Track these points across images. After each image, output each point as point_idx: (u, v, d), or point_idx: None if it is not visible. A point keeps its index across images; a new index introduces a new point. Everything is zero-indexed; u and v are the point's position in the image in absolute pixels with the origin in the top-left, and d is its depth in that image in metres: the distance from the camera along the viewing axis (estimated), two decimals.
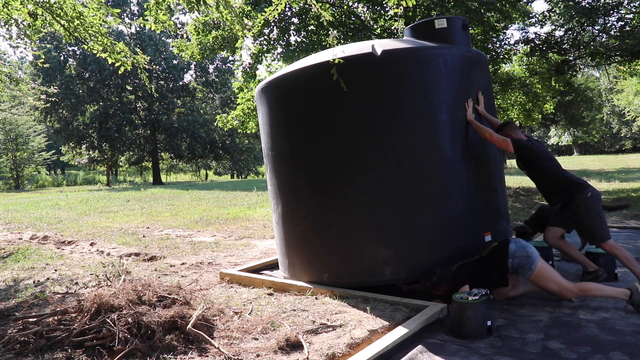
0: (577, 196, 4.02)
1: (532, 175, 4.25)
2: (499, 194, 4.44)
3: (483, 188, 4.20)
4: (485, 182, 4.24)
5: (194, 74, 35.80)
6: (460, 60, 4.09)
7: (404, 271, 3.90)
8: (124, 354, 2.93)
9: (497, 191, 4.40)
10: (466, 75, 4.15)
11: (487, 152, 4.30)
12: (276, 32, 11.09)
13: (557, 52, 12.71)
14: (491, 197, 4.29)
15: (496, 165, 4.49)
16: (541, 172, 4.16)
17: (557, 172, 4.14)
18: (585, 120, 28.14)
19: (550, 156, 4.21)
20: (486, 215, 4.19)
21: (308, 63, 4.17)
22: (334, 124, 4.03)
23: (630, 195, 10.89)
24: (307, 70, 4.10)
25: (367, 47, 4.05)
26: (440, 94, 3.97)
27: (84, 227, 9.09)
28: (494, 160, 4.43)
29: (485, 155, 4.27)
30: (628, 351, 2.84)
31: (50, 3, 5.09)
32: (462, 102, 4.07)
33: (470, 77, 4.20)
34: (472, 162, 4.11)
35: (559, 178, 4.12)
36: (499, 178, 4.48)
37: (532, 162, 4.14)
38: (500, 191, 4.48)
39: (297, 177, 4.31)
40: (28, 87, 10.70)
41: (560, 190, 4.10)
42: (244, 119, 12.12)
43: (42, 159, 35.29)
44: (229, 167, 48.50)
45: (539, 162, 4.12)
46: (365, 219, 3.96)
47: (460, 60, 4.10)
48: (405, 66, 3.93)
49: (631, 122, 39.12)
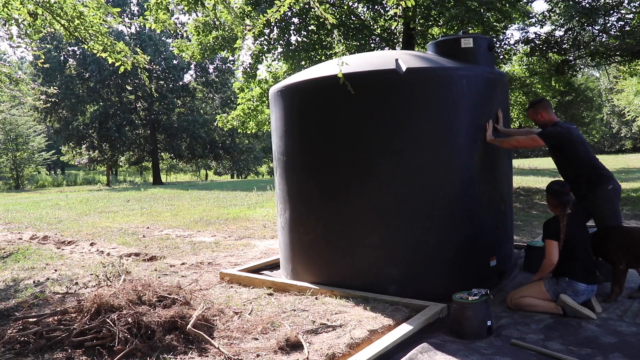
0: (600, 187, 3.92)
1: (560, 161, 4.10)
2: (507, 217, 4.44)
3: (493, 212, 4.19)
4: (496, 206, 4.22)
5: (194, 74, 35.80)
6: (483, 82, 4.07)
7: (408, 291, 3.87)
8: (124, 354, 2.92)
9: (505, 215, 4.39)
10: (488, 97, 4.13)
11: (502, 175, 4.28)
12: (276, 32, 11.09)
13: (557, 52, 12.71)
14: (500, 221, 4.27)
15: (509, 188, 4.49)
16: (570, 158, 4.00)
17: (587, 159, 3.98)
18: (585, 120, 28.11)
19: (582, 139, 4.06)
20: (493, 239, 4.18)
21: (329, 71, 4.08)
22: (350, 137, 3.98)
23: (630, 195, 10.89)
24: (327, 79, 4.00)
25: (389, 60, 4.00)
26: (461, 116, 3.94)
27: (84, 227, 9.09)
28: (507, 182, 4.42)
29: (500, 178, 4.25)
30: (629, 353, 2.84)
31: (51, 3, 5.08)
32: (483, 124, 4.03)
33: (492, 98, 4.17)
34: (487, 186, 4.09)
35: (588, 165, 3.97)
36: (508, 200, 4.48)
37: (564, 148, 3.99)
38: (508, 215, 4.48)
39: (308, 186, 4.27)
40: (28, 87, 10.69)
41: (589, 178, 3.95)
42: (244, 119, 12.12)
43: (42, 159, 35.27)
44: (229, 167, 48.48)
45: (571, 146, 3.96)
46: (375, 236, 3.94)
47: (484, 82, 4.08)
48: (428, 85, 3.89)
49: (631, 122, 39.11)
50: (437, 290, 3.79)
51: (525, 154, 50.50)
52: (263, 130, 13.05)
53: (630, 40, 10.76)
